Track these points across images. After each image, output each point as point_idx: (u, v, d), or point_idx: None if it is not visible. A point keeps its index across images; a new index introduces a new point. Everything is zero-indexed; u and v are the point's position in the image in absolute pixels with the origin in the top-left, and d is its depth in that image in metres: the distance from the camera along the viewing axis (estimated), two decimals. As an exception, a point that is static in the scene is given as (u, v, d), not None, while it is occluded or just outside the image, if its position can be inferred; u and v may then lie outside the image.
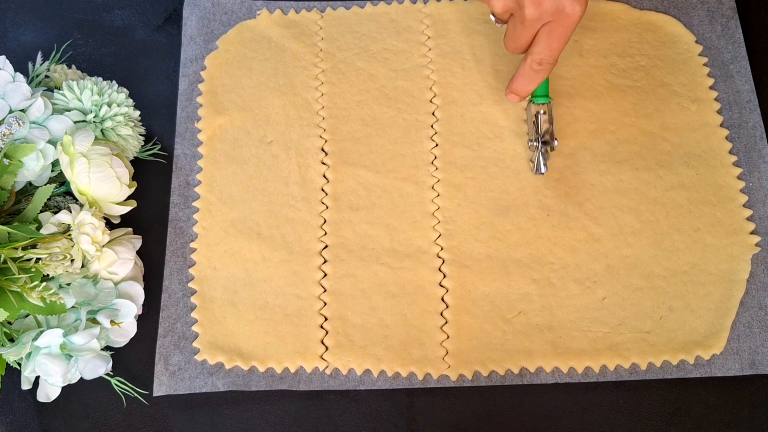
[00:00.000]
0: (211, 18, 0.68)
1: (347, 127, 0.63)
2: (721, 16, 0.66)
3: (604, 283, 0.57)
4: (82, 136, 0.55)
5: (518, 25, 0.53)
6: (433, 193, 0.61)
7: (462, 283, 0.58)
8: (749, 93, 0.63)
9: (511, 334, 0.56)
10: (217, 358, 0.56)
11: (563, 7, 0.50)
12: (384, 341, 0.56)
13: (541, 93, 0.59)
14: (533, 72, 0.55)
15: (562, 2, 0.50)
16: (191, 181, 0.62)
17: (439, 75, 0.65)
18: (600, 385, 0.55)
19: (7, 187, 0.55)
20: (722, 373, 0.55)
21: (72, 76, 0.63)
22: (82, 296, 0.52)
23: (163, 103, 0.66)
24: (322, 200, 0.61)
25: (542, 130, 0.59)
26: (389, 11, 0.68)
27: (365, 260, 0.59)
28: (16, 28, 0.69)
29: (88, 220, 0.53)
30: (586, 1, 0.50)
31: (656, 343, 0.55)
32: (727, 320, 0.56)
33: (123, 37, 0.69)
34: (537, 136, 0.59)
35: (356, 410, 0.55)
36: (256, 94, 0.65)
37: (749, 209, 0.59)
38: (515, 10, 0.52)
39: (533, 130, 0.60)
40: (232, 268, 0.59)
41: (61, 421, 0.56)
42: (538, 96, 0.59)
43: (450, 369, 0.55)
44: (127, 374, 0.56)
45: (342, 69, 0.66)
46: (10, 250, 0.49)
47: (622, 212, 0.59)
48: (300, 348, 0.56)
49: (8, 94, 0.57)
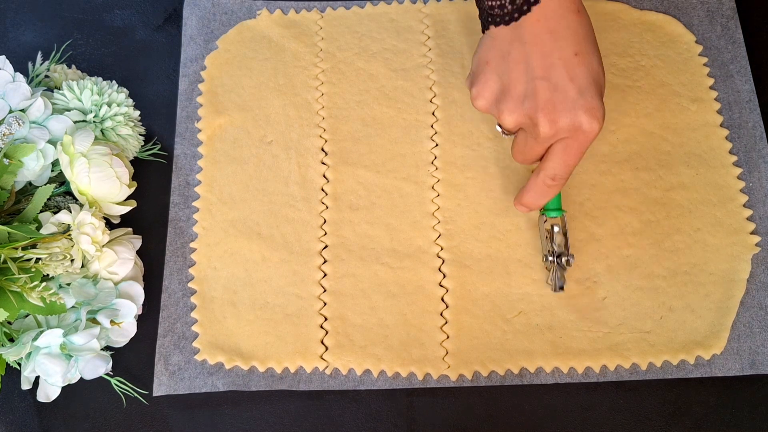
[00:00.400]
0: (211, 18, 0.68)
1: (347, 127, 0.63)
2: (721, 16, 0.66)
3: (604, 283, 0.57)
4: (82, 136, 0.55)
5: (530, 139, 0.50)
6: (433, 193, 0.61)
7: (462, 283, 0.58)
8: (749, 93, 0.63)
9: (511, 334, 0.56)
10: (217, 358, 0.56)
11: (580, 124, 0.47)
12: (384, 341, 0.56)
13: (553, 206, 0.56)
14: (546, 187, 0.52)
15: (579, 119, 0.47)
16: (191, 181, 0.62)
17: (439, 75, 0.65)
18: (600, 385, 0.55)
19: (7, 187, 0.55)
20: (722, 373, 0.54)
21: (72, 76, 0.63)
22: (82, 296, 0.52)
23: (163, 103, 0.66)
24: (322, 200, 0.61)
25: (557, 245, 0.56)
26: (389, 11, 0.68)
27: (365, 260, 0.59)
28: (16, 28, 0.69)
29: (88, 220, 0.53)
30: (603, 117, 0.48)
31: (656, 343, 0.55)
32: (728, 320, 0.56)
33: (123, 37, 0.69)
34: (552, 251, 0.56)
35: (356, 410, 0.55)
36: (256, 94, 0.65)
37: (749, 209, 0.59)
38: (527, 125, 0.49)
39: (547, 245, 0.56)
40: (232, 268, 0.59)
41: (61, 421, 0.56)
42: (551, 209, 0.56)
43: (450, 369, 0.55)
44: (127, 374, 0.56)
45: (342, 69, 0.66)
46: (10, 250, 0.49)
47: (622, 212, 0.59)
48: (300, 348, 0.56)
49: (8, 94, 0.57)
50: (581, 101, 0.47)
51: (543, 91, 0.47)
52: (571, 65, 0.47)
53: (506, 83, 0.49)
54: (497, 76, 0.49)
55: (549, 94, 0.47)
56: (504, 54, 0.49)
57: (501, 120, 0.50)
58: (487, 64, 0.50)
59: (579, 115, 0.47)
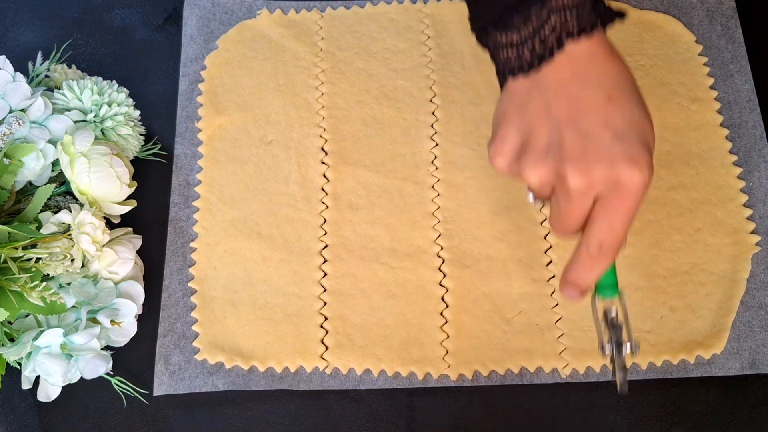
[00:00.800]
0: (211, 18, 0.68)
1: (347, 126, 0.63)
2: (721, 16, 0.66)
3: (604, 282, 0.57)
4: (82, 135, 0.55)
5: (562, 200, 0.41)
6: (433, 193, 0.61)
7: (462, 282, 0.57)
8: (749, 93, 0.63)
9: (511, 334, 0.56)
10: (217, 357, 0.56)
11: (619, 175, 0.38)
12: (384, 341, 0.56)
13: (607, 283, 0.45)
14: (591, 258, 0.41)
15: (617, 169, 0.38)
16: (191, 180, 0.62)
17: (439, 75, 0.65)
18: (600, 385, 0.55)
19: (7, 187, 0.55)
20: (723, 373, 0.54)
21: (72, 75, 0.63)
22: (82, 296, 0.52)
23: (163, 103, 0.66)
24: (322, 200, 0.61)
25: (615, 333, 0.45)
26: (389, 11, 0.68)
27: (365, 260, 0.59)
28: (16, 28, 0.69)
29: (88, 219, 0.53)
30: (651, 168, 0.39)
31: (657, 343, 0.55)
32: (728, 320, 0.56)
33: (123, 37, 0.69)
34: (610, 339, 0.45)
35: (356, 410, 0.55)
36: (256, 94, 0.65)
37: (749, 209, 0.59)
38: (556, 182, 0.41)
39: (603, 332, 0.46)
40: (232, 267, 0.59)
41: (61, 421, 0.56)
42: (604, 287, 0.45)
43: (450, 369, 0.55)
44: (127, 374, 0.56)
45: (342, 69, 0.66)
46: (10, 249, 0.49)
47: (622, 212, 0.59)
48: (300, 348, 0.56)
49: (8, 94, 0.57)
50: (618, 148, 0.39)
51: (570, 140, 0.39)
52: (604, 111, 0.39)
53: (527, 136, 0.42)
54: (516, 129, 0.42)
55: (578, 142, 0.39)
56: (523, 104, 0.42)
57: (524, 178, 0.42)
58: (505, 119, 0.43)
59: (616, 164, 0.38)
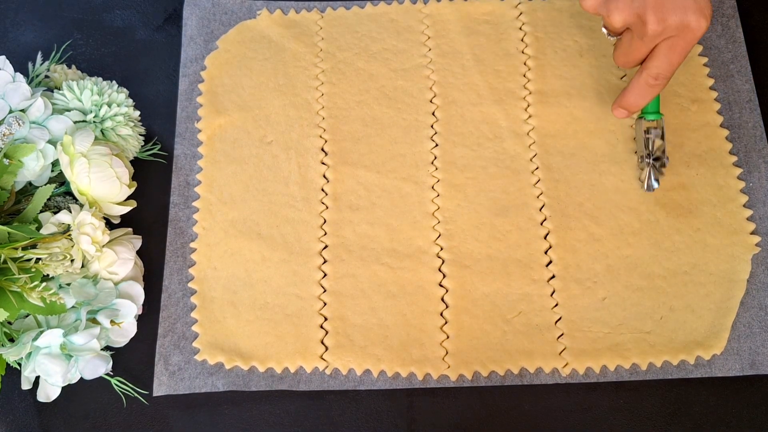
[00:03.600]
0: (211, 18, 0.68)
1: (347, 127, 0.63)
2: (721, 16, 0.66)
3: (604, 283, 0.57)
4: (82, 136, 0.55)
5: (635, 39, 0.51)
6: (433, 193, 0.61)
7: (462, 283, 0.58)
8: (749, 93, 0.63)
9: (511, 334, 0.56)
10: (217, 358, 0.56)
11: (689, 22, 0.48)
12: (384, 341, 0.56)
13: (652, 109, 0.58)
14: (648, 87, 0.54)
15: (688, 17, 0.48)
16: (191, 181, 0.62)
17: (439, 75, 0.65)
18: (600, 385, 0.55)
19: (7, 187, 0.55)
20: (722, 374, 0.54)
21: (72, 76, 0.63)
22: (82, 296, 0.52)
23: (163, 103, 0.66)
24: (322, 200, 0.61)
25: (654, 147, 0.58)
26: (389, 11, 0.68)
27: (365, 260, 0.59)
28: (16, 28, 0.69)
29: (88, 220, 0.53)
30: (711, 15, 0.49)
31: (657, 344, 0.55)
32: (728, 320, 0.56)
33: (123, 37, 0.69)
34: (648, 153, 0.58)
35: (356, 410, 0.55)
36: (256, 94, 0.65)
37: (749, 209, 0.59)
38: (635, 24, 0.50)
39: (644, 148, 0.58)
40: (232, 268, 0.59)
41: (61, 421, 0.56)
42: (649, 112, 0.58)
43: (450, 369, 0.55)
44: (127, 374, 0.56)
45: (342, 69, 0.66)
46: (10, 250, 0.49)
47: (622, 212, 0.59)
48: (300, 348, 0.56)
49: (8, 94, 0.57)
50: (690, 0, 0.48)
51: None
52: None
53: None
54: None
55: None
56: None
57: (610, 19, 0.51)
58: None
59: (688, 13, 0.48)
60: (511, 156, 0.61)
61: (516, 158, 0.61)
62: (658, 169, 0.58)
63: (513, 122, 0.63)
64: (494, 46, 0.66)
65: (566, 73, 0.64)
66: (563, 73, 0.64)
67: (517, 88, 0.64)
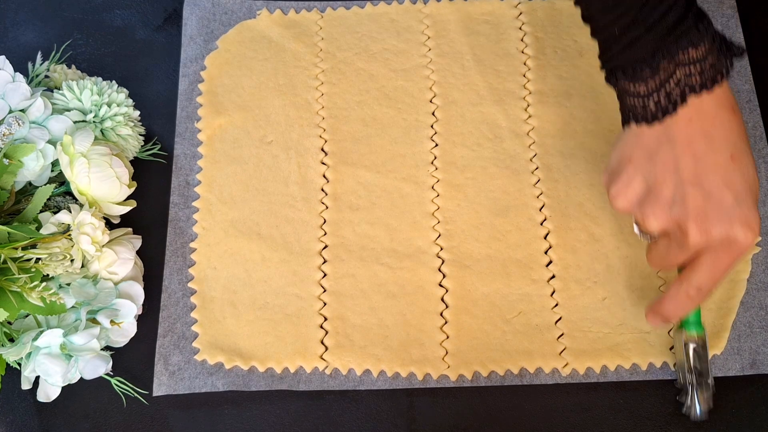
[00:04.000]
0: (211, 18, 0.68)
1: (347, 127, 0.63)
2: (721, 16, 0.66)
3: (604, 283, 0.57)
4: (82, 136, 0.55)
5: (674, 246, 0.46)
6: (432, 193, 0.61)
7: (462, 283, 0.57)
8: (749, 93, 0.63)
9: (511, 335, 0.56)
10: (217, 358, 0.56)
11: (735, 236, 0.43)
12: (384, 341, 0.56)
13: (693, 320, 0.53)
14: (689, 298, 0.48)
15: (734, 231, 0.43)
16: (191, 181, 0.62)
17: (439, 75, 0.65)
18: (600, 385, 0.55)
19: (7, 187, 0.55)
20: (723, 373, 0.54)
21: (72, 76, 0.63)
22: (82, 296, 0.52)
23: (163, 103, 0.66)
24: (322, 200, 0.61)
25: (695, 366, 0.52)
26: (389, 11, 0.68)
27: (365, 260, 0.59)
28: (16, 28, 0.69)
29: (88, 220, 0.53)
30: (759, 227, 0.44)
31: (657, 344, 0.55)
32: (728, 320, 0.56)
33: (123, 37, 0.69)
34: (691, 369, 0.52)
35: (356, 410, 0.55)
36: (256, 94, 0.65)
37: (749, 209, 0.59)
38: (674, 232, 0.46)
39: (685, 363, 0.52)
40: (232, 268, 0.59)
41: (61, 421, 0.56)
42: (691, 324, 0.53)
43: (450, 369, 0.55)
44: (127, 374, 0.56)
45: (342, 69, 0.66)
46: (10, 250, 0.49)
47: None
48: (300, 348, 0.56)
49: (8, 94, 0.57)
50: (737, 211, 0.43)
51: (694, 198, 0.44)
52: (726, 171, 0.44)
53: (652, 185, 0.46)
54: (642, 176, 0.46)
55: (701, 201, 0.44)
56: (650, 154, 0.45)
57: (646, 224, 0.46)
58: (630, 163, 0.47)
59: (735, 225, 0.43)
60: (511, 156, 0.61)
61: (516, 158, 0.61)
62: (702, 390, 0.52)
63: (513, 122, 0.63)
64: (494, 46, 0.66)
65: (566, 73, 0.64)
66: (563, 73, 0.64)
67: (516, 88, 0.64)
